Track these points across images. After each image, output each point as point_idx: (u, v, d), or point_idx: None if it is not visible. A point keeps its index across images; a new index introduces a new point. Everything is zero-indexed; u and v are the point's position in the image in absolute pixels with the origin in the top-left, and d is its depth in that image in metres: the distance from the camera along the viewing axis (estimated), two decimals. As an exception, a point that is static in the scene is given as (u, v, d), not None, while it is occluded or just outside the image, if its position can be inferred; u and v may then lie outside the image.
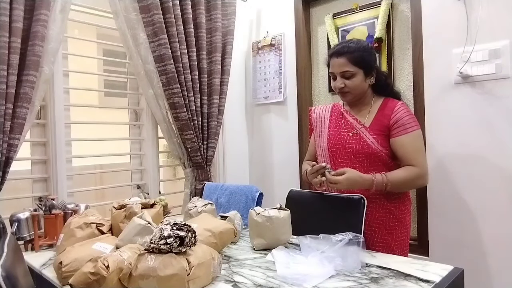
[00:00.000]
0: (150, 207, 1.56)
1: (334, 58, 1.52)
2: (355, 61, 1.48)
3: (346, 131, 1.56)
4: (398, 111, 1.48)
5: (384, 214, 1.48)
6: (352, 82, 1.49)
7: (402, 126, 1.46)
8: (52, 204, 1.59)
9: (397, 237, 1.49)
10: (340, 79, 1.51)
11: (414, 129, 1.46)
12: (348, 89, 1.50)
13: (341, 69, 1.49)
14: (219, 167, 2.48)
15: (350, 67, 1.48)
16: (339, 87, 1.51)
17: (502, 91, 1.62)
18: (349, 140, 1.53)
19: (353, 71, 1.48)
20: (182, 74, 2.10)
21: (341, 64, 1.49)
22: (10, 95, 1.53)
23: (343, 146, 1.54)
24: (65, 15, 1.74)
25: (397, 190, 1.47)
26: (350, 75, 1.49)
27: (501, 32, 1.61)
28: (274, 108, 2.54)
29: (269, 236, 1.37)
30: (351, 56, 1.48)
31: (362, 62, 1.49)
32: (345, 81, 1.50)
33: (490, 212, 1.67)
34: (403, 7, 1.97)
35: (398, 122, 1.47)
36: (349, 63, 1.48)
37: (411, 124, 1.46)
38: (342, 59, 1.49)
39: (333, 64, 1.52)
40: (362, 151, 1.49)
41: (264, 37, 2.54)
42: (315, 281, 1.05)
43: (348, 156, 1.52)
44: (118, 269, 1.02)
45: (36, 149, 1.85)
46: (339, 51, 1.50)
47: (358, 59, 1.48)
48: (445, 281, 1.04)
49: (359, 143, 1.50)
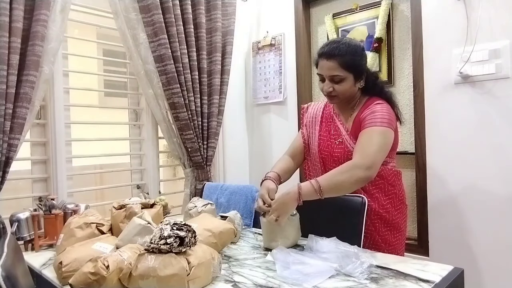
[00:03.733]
0: (150, 207, 1.56)
1: (323, 59, 1.42)
2: (345, 66, 1.39)
3: (334, 138, 1.50)
4: (372, 107, 1.40)
5: (376, 220, 1.44)
6: (341, 87, 1.41)
7: (372, 119, 1.37)
8: (52, 204, 1.59)
9: (390, 242, 1.45)
10: (328, 82, 1.43)
11: (383, 126, 1.35)
12: (336, 93, 1.43)
13: (331, 73, 1.41)
14: (219, 167, 2.48)
15: (340, 72, 1.39)
16: (327, 91, 1.43)
17: (502, 91, 1.62)
18: (335, 148, 1.48)
19: (343, 76, 1.40)
20: (182, 74, 2.10)
21: (331, 68, 1.40)
22: (10, 95, 1.53)
23: (330, 153, 1.50)
24: (65, 15, 1.74)
25: (336, 189, 1.32)
26: (339, 80, 1.40)
27: (501, 32, 1.61)
28: (274, 108, 2.54)
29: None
30: (342, 60, 1.38)
31: (353, 67, 1.40)
32: (334, 85, 1.42)
33: (490, 212, 1.66)
34: (403, 7, 1.97)
35: (368, 116, 1.39)
36: (339, 67, 1.39)
37: (380, 120, 1.36)
38: (332, 62, 1.39)
39: (322, 66, 1.43)
40: (348, 160, 1.40)
41: (264, 37, 2.54)
42: (315, 281, 1.05)
43: (336, 164, 1.44)
44: (118, 269, 1.02)
45: (36, 149, 1.85)
46: (330, 53, 1.40)
47: (349, 63, 1.39)
48: (445, 281, 1.04)
49: (344, 152, 1.45)
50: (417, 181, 1.89)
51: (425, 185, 1.85)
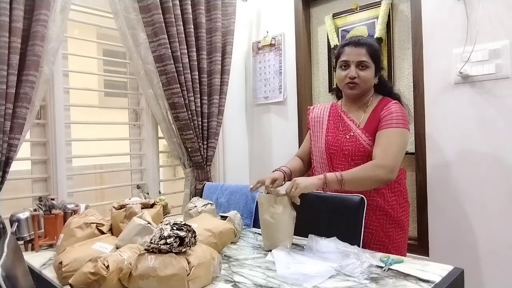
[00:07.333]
0: (150, 207, 1.56)
1: (351, 47, 1.48)
2: (372, 54, 1.47)
3: (343, 133, 1.54)
4: (389, 108, 1.46)
5: (381, 216, 1.48)
6: (365, 74, 1.46)
7: (388, 120, 1.43)
8: (52, 204, 1.59)
9: (394, 239, 1.48)
10: (354, 68, 1.46)
11: (399, 127, 1.42)
12: (359, 80, 1.47)
13: (359, 58, 1.46)
14: (219, 167, 2.48)
15: (367, 58, 1.46)
16: (352, 76, 1.46)
17: (502, 91, 1.62)
18: (346, 142, 1.52)
19: (369, 63, 1.46)
20: (182, 74, 2.10)
21: (360, 54, 1.46)
22: (10, 95, 1.53)
23: (340, 148, 1.53)
24: (65, 15, 1.74)
25: (357, 184, 1.38)
26: (365, 66, 1.46)
27: (501, 32, 1.61)
28: (274, 108, 2.54)
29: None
30: (370, 48, 1.46)
31: (377, 57, 1.49)
32: (358, 71, 1.46)
33: (490, 212, 1.66)
34: (403, 7, 1.97)
35: (385, 117, 1.45)
36: (367, 53, 1.46)
37: (397, 121, 1.43)
38: (361, 49, 1.46)
39: (349, 52, 1.47)
40: (359, 154, 1.48)
41: (264, 37, 2.54)
42: (315, 281, 1.05)
43: (345, 158, 1.51)
44: (118, 269, 1.02)
45: (36, 149, 1.85)
46: (359, 41, 1.48)
47: (375, 52, 1.48)
48: (445, 281, 1.04)
49: (355, 145, 1.49)
50: (417, 181, 1.89)
51: (425, 185, 1.85)
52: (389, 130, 1.42)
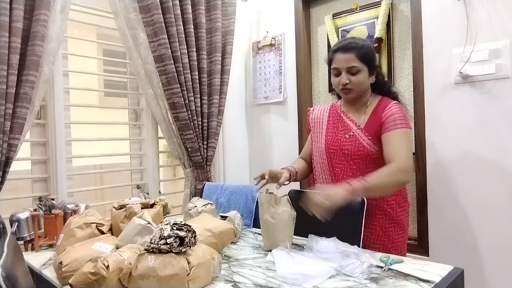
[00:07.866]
0: (150, 207, 1.56)
1: (340, 53, 1.48)
2: (361, 57, 1.46)
3: (342, 133, 1.55)
4: (390, 109, 1.47)
5: (380, 216, 1.48)
6: (357, 79, 1.47)
7: (392, 122, 1.44)
8: (52, 204, 1.59)
9: (393, 239, 1.48)
10: (345, 74, 1.47)
11: (403, 127, 1.43)
12: (352, 85, 1.48)
13: (348, 64, 1.46)
14: (219, 167, 2.48)
15: (357, 63, 1.45)
16: (344, 82, 1.47)
17: (502, 91, 1.62)
18: (345, 142, 1.52)
19: (359, 67, 1.46)
20: (182, 74, 2.10)
21: (348, 59, 1.46)
22: (10, 95, 1.53)
23: (339, 148, 1.53)
24: (65, 15, 1.74)
25: (381, 190, 1.37)
26: (356, 71, 1.46)
27: (501, 32, 1.61)
28: (274, 108, 2.54)
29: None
30: (359, 52, 1.46)
31: (368, 59, 1.48)
32: (350, 77, 1.47)
33: (490, 212, 1.66)
34: (403, 7, 1.97)
35: (388, 119, 1.45)
36: (356, 58, 1.45)
37: (400, 122, 1.44)
38: (349, 54, 1.46)
39: (338, 59, 1.48)
40: (358, 153, 1.48)
41: (264, 37, 2.54)
42: (315, 281, 1.05)
43: (345, 157, 1.51)
44: (118, 269, 1.02)
45: (36, 149, 1.85)
46: (346, 46, 1.48)
47: (364, 55, 1.46)
48: (445, 281, 1.04)
49: (355, 145, 1.49)
50: (417, 181, 1.89)
51: (425, 185, 1.85)
52: (396, 131, 1.43)
